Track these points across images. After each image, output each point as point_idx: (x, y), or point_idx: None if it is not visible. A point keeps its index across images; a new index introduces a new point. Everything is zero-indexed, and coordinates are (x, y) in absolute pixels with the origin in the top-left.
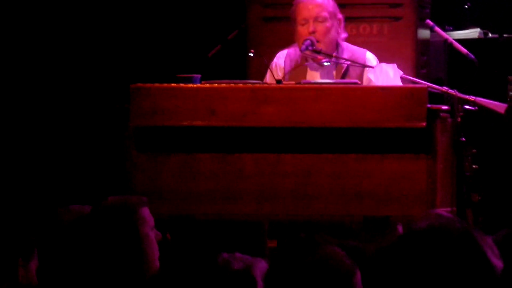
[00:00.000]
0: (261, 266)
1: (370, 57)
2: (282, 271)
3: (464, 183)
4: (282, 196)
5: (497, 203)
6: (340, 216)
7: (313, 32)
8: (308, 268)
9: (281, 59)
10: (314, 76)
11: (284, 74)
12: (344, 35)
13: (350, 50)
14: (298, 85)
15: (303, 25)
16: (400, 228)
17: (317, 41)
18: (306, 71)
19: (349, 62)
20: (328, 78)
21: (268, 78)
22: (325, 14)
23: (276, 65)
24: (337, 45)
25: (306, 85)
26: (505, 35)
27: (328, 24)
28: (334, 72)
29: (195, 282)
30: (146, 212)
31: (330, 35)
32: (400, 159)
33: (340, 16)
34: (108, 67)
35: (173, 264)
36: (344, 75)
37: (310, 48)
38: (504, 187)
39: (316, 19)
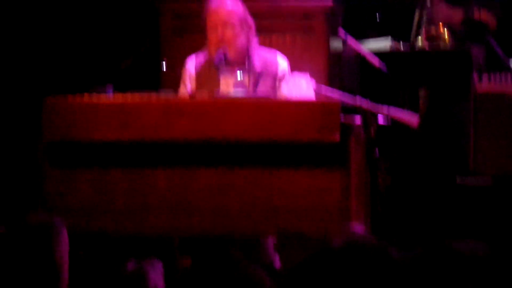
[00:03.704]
0: (156, 266)
1: (281, 60)
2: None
3: (378, 196)
4: (195, 211)
5: (410, 215)
6: (254, 232)
7: (222, 38)
8: (228, 285)
9: (192, 67)
10: (228, 85)
11: (197, 84)
12: (255, 39)
13: (261, 56)
14: (211, 98)
15: (212, 31)
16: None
17: (224, 47)
18: (219, 81)
19: (262, 74)
20: (241, 87)
21: (182, 88)
22: (233, 20)
23: (187, 74)
24: (248, 52)
25: (219, 98)
26: (416, 48)
27: (237, 29)
28: (247, 80)
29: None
30: (63, 232)
31: (239, 42)
32: (314, 173)
33: (250, 21)
34: (20, 79)
35: (83, 280)
36: (256, 82)
37: (223, 60)
38: (416, 197)
39: (224, 24)
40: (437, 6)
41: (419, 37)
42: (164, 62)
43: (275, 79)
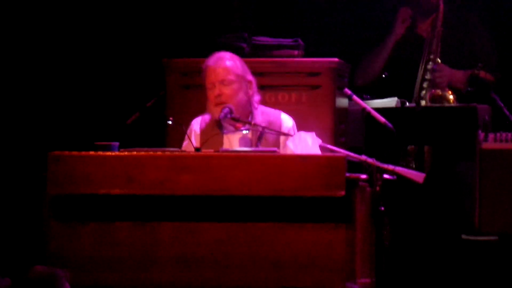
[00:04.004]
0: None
1: (285, 118)
2: None
3: (382, 251)
4: (199, 264)
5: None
6: (258, 286)
7: (219, 95)
8: None
9: (197, 126)
10: (232, 142)
11: (201, 141)
12: (257, 97)
13: (265, 113)
14: (216, 153)
15: (210, 89)
16: None
17: (220, 103)
18: (223, 137)
19: (268, 130)
20: (245, 143)
21: (186, 146)
22: (231, 77)
23: (192, 133)
24: (250, 109)
25: (224, 153)
26: (422, 105)
27: (235, 86)
28: (251, 137)
29: None
30: (66, 286)
31: (238, 98)
32: (319, 228)
33: (250, 78)
34: (26, 134)
35: None
36: (260, 139)
37: (228, 115)
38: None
39: (222, 82)
40: (439, 67)
41: (422, 99)
42: (170, 119)
43: (279, 136)
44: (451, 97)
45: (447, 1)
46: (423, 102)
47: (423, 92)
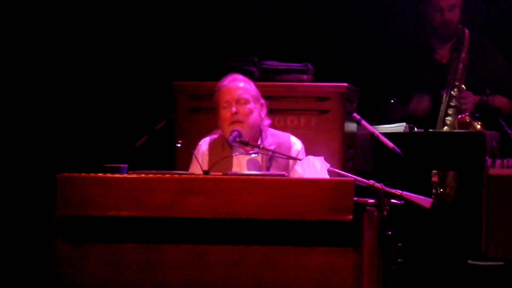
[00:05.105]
0: None
1: (295, 141)
2: None
3: (390, 277)
4: (208, 287)
5: None
6: None
7: (236, 113)
8: None
9: (205, 146)
10: (241, 164)
11: (210, 162)
12: (267, 121)
13: (274, 135)
14: (224, 176)
15: (225, 108)
16: None
17: (238, 121)
18: (232, 159)
19: (276, 154)
20: (254, 166)
21: (193, 167)
22: (247, 96)
23: (200, 154)
24: (260, 131)
25: (232, 176)
26: (430, 130)
27: (250, 106)
28: (260, 160)
29: None
30: None
31: (253, 118)
32: (327, 252)
33: (263, 101)
34: (35, 156)
35: None
36: (271, 162)
37: (237, 139)
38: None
39: (238, 101)
40: (465, 94)
41: (446, 125)
42: (179, 142)
43: (288, 158)
44: (478, 126)
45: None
46: (446, 128)
47: (449, 118)
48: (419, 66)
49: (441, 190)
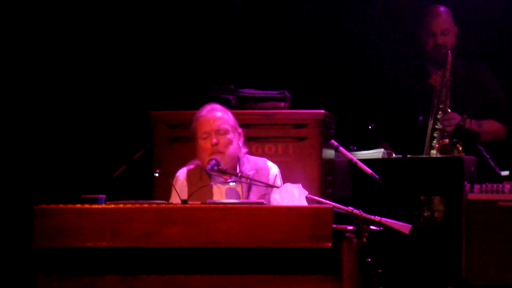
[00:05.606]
0: None
1: (271, 165)
2: None
3: None
4: None
5: None
6: None
7: (216, 144)
8: None
9: (183, 177)
10: (220, 193)
11: (189, 192)
12: (244, 149)
13: (251, 161)
14: (203, 205)
15: (204, 139)
16: None
17: (219, 152)
18: (211, 188)
19: (254, 181)
20: (234, 194)
21: (173, 199)
22: (226, 126)
23: (178, 185)
24: (238, 159)
25: (211, 205)
26: (408, 156)
27: (230, 136)
28: (239, 188)
29: None
30: None
31: (232, 148)
32: (306, 280)
33: (240, 130)
34: (12, 188)
35: None
36: (249, 189)
37: (215, 168)
38: None
39: (217, 131)
40: (449, 116)
41: (433, 149)
42: (157, 172)
43: (267, 186)
44: (460, 148)
45: (458, 54)
46: (433, 152)
47: (434, 142)
48: (413, 90)
49: (428, 213)
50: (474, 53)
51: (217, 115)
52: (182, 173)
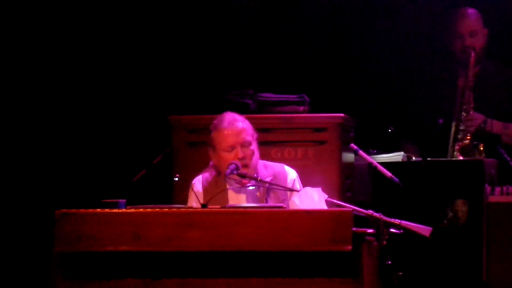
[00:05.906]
0: None
1: (289, 170)
2: None
3: None
4: None
5: None
6: None
7: (244, 158)
8: None
9: (199, 185)
10: (238, 198)
11: (205, 200)
12: (258, 153)
13: (268, 167)
14: (223, 209)
15: (229, 151)
16: None
17: (245, 166)
18: (229, 194)
19: (273, 185)
20: (253, 198)
21: (190, 204)
22: (249, 138)
23: (194, 191)
24: (256, 164)
25: (231, 209)
26: (428, 159)
27: (252, 147)
28: (258, 193)
29: None
30: None
31: (255, 158)
32: (326, 283)
33: (256, 135)
34: (33, 192)
35: None
36: (268, 194)
37: (235, 172)
38: None
39: (243, 144)
40: (472, 116)
41: (455, 152)
42: (176, 176)
43: (287, 189)
44: (481, 148)
45: (491, 56)
46: (455, 154)
47: (455, 144)
48: (439, 91)
49: (452, 214)
50: (507, 57)
51: (240, 127)
52: (197, 181)
